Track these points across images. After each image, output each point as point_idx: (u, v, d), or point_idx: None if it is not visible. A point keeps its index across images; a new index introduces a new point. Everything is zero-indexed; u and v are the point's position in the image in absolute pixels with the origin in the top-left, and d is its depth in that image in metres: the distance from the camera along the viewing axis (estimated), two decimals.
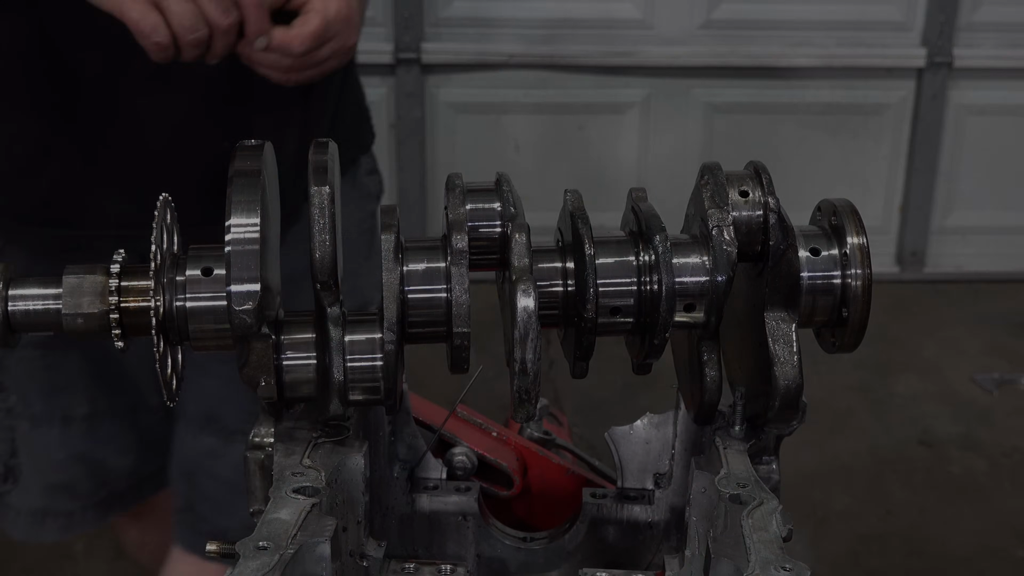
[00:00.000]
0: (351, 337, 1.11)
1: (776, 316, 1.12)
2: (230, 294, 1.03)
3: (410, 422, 1.30)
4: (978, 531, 3.73)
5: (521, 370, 1.03)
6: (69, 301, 1.12)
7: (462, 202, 1.11)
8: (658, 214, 1.11)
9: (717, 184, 1.10)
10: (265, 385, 1.11)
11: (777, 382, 1.09)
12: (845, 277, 1.10)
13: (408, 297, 1.08)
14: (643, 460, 1.29)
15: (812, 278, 1.11)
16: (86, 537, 3.56)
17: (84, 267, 1.13)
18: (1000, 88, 5.41)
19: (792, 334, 1.11)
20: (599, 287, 1.08)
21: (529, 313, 1.01)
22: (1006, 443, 4.23)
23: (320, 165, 1.09)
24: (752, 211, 1.11)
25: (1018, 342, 4.98)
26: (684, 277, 1.09)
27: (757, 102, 5.37)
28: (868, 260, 1.11)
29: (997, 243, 5.64)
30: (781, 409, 1.10)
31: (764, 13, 5.29)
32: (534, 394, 1.05)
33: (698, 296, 1.09)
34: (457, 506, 1.29)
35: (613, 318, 1.09)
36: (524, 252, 1.06)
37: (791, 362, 1.10)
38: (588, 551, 1.28)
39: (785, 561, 0.96)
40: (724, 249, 1.07)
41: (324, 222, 1.07)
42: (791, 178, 5.07)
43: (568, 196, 1.13)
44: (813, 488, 3.83)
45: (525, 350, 1.02)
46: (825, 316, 1.12)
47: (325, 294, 1.09)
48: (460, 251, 1.07)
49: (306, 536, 0.98)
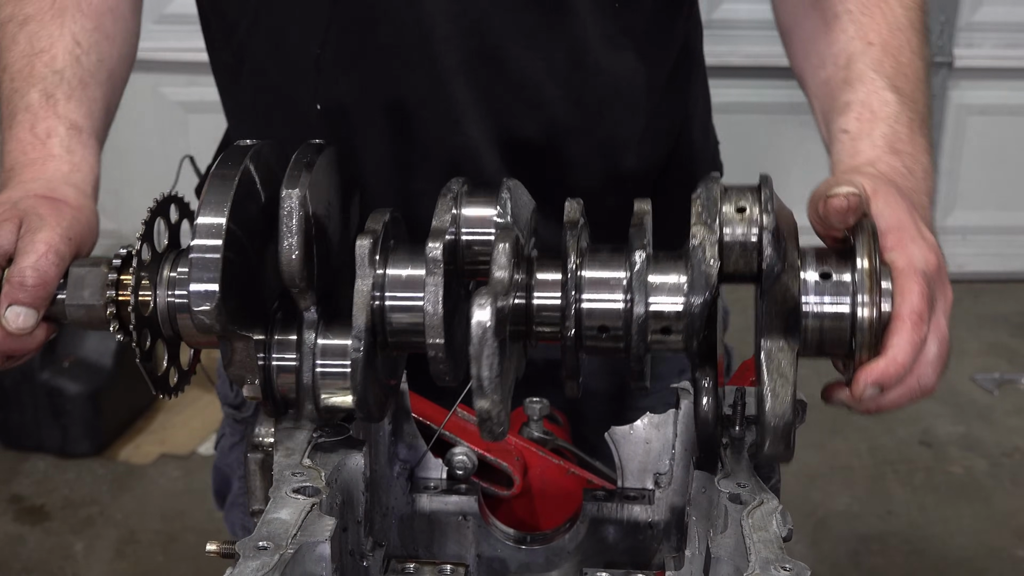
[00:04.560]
0: (323, 342, 1.10)
1: (773, 344, 1.03)
2: (189, 294, 1.04)
3: (410, 422, 1.30)
4: (978, 531, 3.73)
5: (478, 388, 0.98)
6: (72, 293, 1.16)
7: (450, 209, 1.07)
8: (645, 226, 1.05)
9: (708, 199, 1.03)
10: (250, 385, 1.11)
11: (766, 418, 1.02)
12: (855, 305, 1.02)
13: (382, 305, 1.07)
14: (643, 460, 1.29)
15: (819, 304, 1.02)
16: (86, 537, 3.57)
17: (91, 259, 1.17)
18: (1000, 88, 5.40)
19: (788, 366, 1.02)
20: (580, 303, 1.03)
21: (484, 329, 0.96)
22: (1006, 443, 4.23)
23: (297, 166, 1.08)
24: (748, 228, 1.02)
25: (1018, 342, 4.98)
26: (659, 297, 1.02)
27: (757, 102, 5.36)
28: (878, 288, 1.01)
29: (997, 243, 5.63)
30: (772, 445, 1.03)
31: (764, 13, 5.26)
32: (496, 415, 1.00)
33: (674, 319, 1.02)
34: (457, 506, 1.28)
35: (599, 337, 1.04)
36: (504, 263, 1.01)
37: (783, 397, 1.01)
38: (588, 551, 1.28)
39: (785, 561, 0.96)
40: (703, 270, 1.00)
41: (291, 226, 1.05)
42: (791, 178, 5.06)
43: (567, 205, 1.09)
44: (813, 488, 3.83)
45: (480, 367, 0.97)
46: (841, 348, 1.03)
47: (299, 299, 1.09)
48: (434, 260, 1.03)
49: (306, 536, 0.98)
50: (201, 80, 4.67)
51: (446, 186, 1.10)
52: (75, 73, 1.42)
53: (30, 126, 1.36)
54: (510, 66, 1.51)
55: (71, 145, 1.36)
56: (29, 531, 3.61)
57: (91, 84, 1.44)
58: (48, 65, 1.41)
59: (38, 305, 1.17)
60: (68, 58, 1.42)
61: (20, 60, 1.42)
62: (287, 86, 1.55)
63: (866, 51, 1.40)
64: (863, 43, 1.40)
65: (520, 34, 1.50)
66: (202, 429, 4.10)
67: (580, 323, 1.04)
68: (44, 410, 3.90)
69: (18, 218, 1.20)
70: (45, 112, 1.37)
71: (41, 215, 1.20)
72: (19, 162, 1.34)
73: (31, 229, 1.19)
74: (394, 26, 1.48)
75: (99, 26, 1.47)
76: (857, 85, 1.37)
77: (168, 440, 4.08)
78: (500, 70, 1.50)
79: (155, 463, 3.97)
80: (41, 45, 1.42)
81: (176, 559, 3.48)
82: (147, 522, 3.66)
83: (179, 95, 4.73)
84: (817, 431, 4.10)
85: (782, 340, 1.02)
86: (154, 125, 4.73)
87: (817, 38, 1.44)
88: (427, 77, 1.50)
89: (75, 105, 1.40)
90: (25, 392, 3.89)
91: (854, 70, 1.38)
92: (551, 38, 1.51)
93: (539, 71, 1.52)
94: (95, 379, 3.91)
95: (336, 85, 1.52)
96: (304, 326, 1.10)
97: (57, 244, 1.18)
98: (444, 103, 1.51)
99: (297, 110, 1.55)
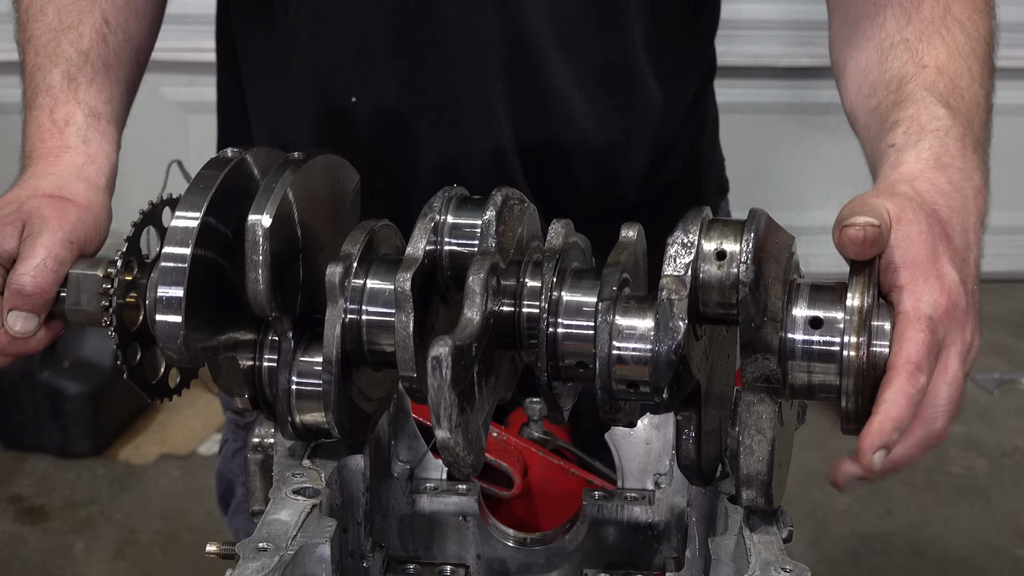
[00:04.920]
0: (302, 359, 1.08)
1: (753, 397, 0.97)
2: (156, 326, 1.02)
3: (410, 422, 1.30)
4: (978, 531, 3.73)
5: (438, 429, 0.95)
6: (71, 296, 1.16)
7: (426, 233, 1.04)
8: (617, 264, 1.00)
9: (685, 242, 0.97)
10: (240, 399, 1.10)
11: (740, 474, 0.98)
12: (842, 348, 0.95)
13: (359, 321, 1.05)
14: (643, 460, 1.29)
15: (807, 345, 0.96)
16: (86, 537, 3.57)
17: (89, 262, 1.17)
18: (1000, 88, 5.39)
19: (766, 421, 0.97)
20: (555, 336, 1.00)
21: (440, 381, 0.92)
22: (1006, 443, 4.23)
23: (267, 189, 1.04)
24: (728, 271, 0.96)
25: (1018, 342, 4.98)
26: (625, 347, 0.97)
27: (757, 102, 5.36)
28: (867, 329, 0.95)
29: (997, 243, 5.60)
30: (748, 499, 0.99)
31: (764, 13, 5.28)
32: (463, 460, 0.97)
33: (638, 367, 0.97)
34: (457, 506, 1.28)
35: (577, 370, 1.01)
36: (477, 302, 0.97)
37: (760, 455, 0.97)
38: (588, 551, 1.28)
39: (785, 562, 0.96)
40: (670, 327, 0.95)
41: (256, 259, 1.01)
42: (791, 178, 5.07)
43: (551, 229, 1.05)
44: (813, 488, 3.83)
45: (439, 419, 0.93)
46: (830, 392, 0.98)
47: (275, 324, 1.07)
48: (403, 294, 0.99)
49: (306, 537, 0.98)
50: (201, 80, 4.69)
51: (427, 204, 1.08)
52: (100, 54, 1.41)
53: (50, 110, 1.36)
54: (549, 79, 1.52)
55: (88, 134, 1.35)
56: (29, 531, 3.61)
57: (115, 66, 1.43)
58: (74, 44, 1.40)
59: (37, 311, 1.17)
60: (95, 36, 1.42)
61: (46, 34, 1.41)
62: (325, 75, 1.55)
63: (919, 72, 1.32)
64: (916, 66, 1.33)
65: (562, 47, 1.51)
66: (202, 429, 4.10)
67: (556, 354, 1.01)
68: (44, 410, 3.90)
69: (22, 221, 1.20)
70: (65, 96, 1.37)
71: (44, 218, 1.20)
72: (36, 150, 1.34)
73: (33, 233, 1.19)
74: (440, 24, 1.48)
75: (130, 2, 1.47)
76: (907, 104, 1.28)
77: (168, 440, 4.08)
78: (538, 80, 1.52)
79: (155, 463, 3.96)
80: (69, 20, 1.42)
81: (176, 559, 3.48)
82: (147, 522, 3.66)
83: (179, 95, 4.73)
84: (817, 431, 4.09)
85: (763, 392, 0.97)
86: (154, 125, 4.72)
87: (870, 69, 1.36)
88: (469, 78, 1.51)
89: (96, 90, 1.39)
90: (25, 392, 3.88)
91: (904, 91, 1.30)
92: (591, 57, 1.53)
93: (574, 86, 1.53)
94: (95, 379, 3.91)
95: (375, 77, 1.52)
96: (281, 351, 1.08)
97: (57, 250, 1.18)
98: (480, 105, 1.52)
99: (332, 102, 1.55)
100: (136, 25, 1.48)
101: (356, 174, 1.21)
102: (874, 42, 1.37)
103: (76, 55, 1.40)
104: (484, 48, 1.49)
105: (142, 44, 1.50)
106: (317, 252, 1.12)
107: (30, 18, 1.44)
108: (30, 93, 1.39)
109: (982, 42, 1.39)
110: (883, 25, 1.36)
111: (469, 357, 0.95)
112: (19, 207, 1.22)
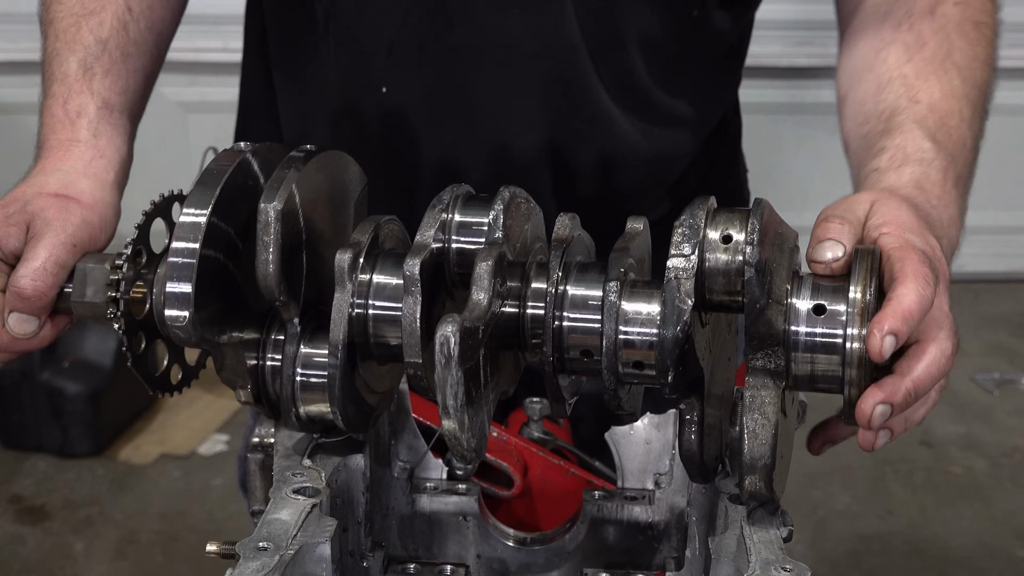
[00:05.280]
0: (305, 351, 1.09)
1: (757, 382, 0.98)
2: (164, 305, 1.04)
3: (410, 422, 1.30)
4: (978, 531, 3.73)
5: (443, 412, 0.96)
6: (77, 289, 1.17)
7: (435, 223, 1.05)
8: (625, 249, 1.02)
9: (692, 225, 0.98)
10: (243, 391, 1.10)
11: (744, 459, 0.98)
12: (845, 339, 0.96)
13: (365, 315, 1.05)
14: (643, 460, 1.29)
15: (810, 335, 0.97)
16: (86, 537, 3.57)
17: (96, 256, 1.18)
18: (1000, 88, 5.39)
19: (770, 405, 0.97)
20: (561, 328, 1.02)
21: (447, 357, 0.93)
22: (1006, 443, 4.23)
23: (277, 178, 1.06)
24: (733, 257, 0.97)
25: (1018, 342, 4.98)
26: (631, 328, 0.99)
27: (757, 102, 5.36)
28: (867, 321, 0.95)
29: (997, 243, 5.63)
30: (751, 485, 0.99)
31: (763, 13, 5.27)
32: (466, 440, 0.98)
33: (645, 350, 0.99)
34: (457, 506, 1.28)
35: (582, 360, 1.03)
36: (485, 284, 0.98)
37: (764, 439, 0.97)
38: (588, 551, 1.28)
39: (786, 562, 0.96)
40: (676, 305, 0.96)
41: (267, 240, 1.03)
42: (791, 178, 5.07)
43: (558, 222, 1.07)
44: (813, 488, 3.83)
45: (444, 395, 0.95)
46: (833, 383, 0.98)
47: (282, 310, 1.08)
48: (411, 278, 1.00)
49: (306, 537, 0.98)
50: (201, 80, 4.71)
51: (437, 196, 1.09)
52: (119, 43, 1.41)
53: (63, 100, 1.36)
54: (583, 93, 1.52)
55: (99, 127, 1.35)
56: (29, 531, 3.61)
57: (134, 55, 1.43)
58: (93, 31, 1.40)
59: (36, 313, 1.18)
60: (116, 24, 1.41)
61: (68, 18, 1.41)
62: (356, 64, 1.55)
63: (911, 106, 1.36)
64: (909, 101, 1.36)
65: (601, 60, 1.51)
66: (202, 429, 4.10)
67: (562, 346, 1.02)
68: (44, 410, 3.90)
69: (25, 221, 1.20)
70: (80, 86, 1.37)
71: (47, 219, 1.20)
72: (47, 141, 1.34)
73: (36, 235, 1.19)
74: (471, 29, 1.48)
75: None
76: (895, 133, 1.32)
77: (168, 440, 4.08)
78: (570, 92, 1.52)
79: (155, 463, 3.96)
80: (92, 6, 1.41)
81: (176, 559, 3.48)
82: (147, 522, 3.66)
83: (179, 95, 4.73)
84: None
85: (766, 378, 0.98)
86: (154, 125, 4.71)
87: (867, 100, 1.41)
88: (500, 85, 1.51)
89: (112, 80, 1.39)
90: (25, 392, 3.88)
91: (894, 121, 1.34)
92: (623, 73, 1.53)
93: (609, 102, 1.53)
94: (95, 379, 3.91)
95: (405, 73, 1.52)
96: (287, 337, 1.09)
97: (58, 252, 1.18)
98: (509, 112, 1.52)
99: (360, 92, 1.55)
100: (160, 11, 1.47)
101: (364, 176, 1.21)
102: (874, 75, 1.42)
103: (95, 43, 1.39)
104: (519, 59, 1.49)
105: (164, 31, 1.50)
106: (321, 247, 1.13)
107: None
108: (47, 79, 1.40)
109: (977, 89, 1.44)
110: (885, 60, 1.42)
111: (476, 338, 0.96)
112: (24, 206, 1.23)
